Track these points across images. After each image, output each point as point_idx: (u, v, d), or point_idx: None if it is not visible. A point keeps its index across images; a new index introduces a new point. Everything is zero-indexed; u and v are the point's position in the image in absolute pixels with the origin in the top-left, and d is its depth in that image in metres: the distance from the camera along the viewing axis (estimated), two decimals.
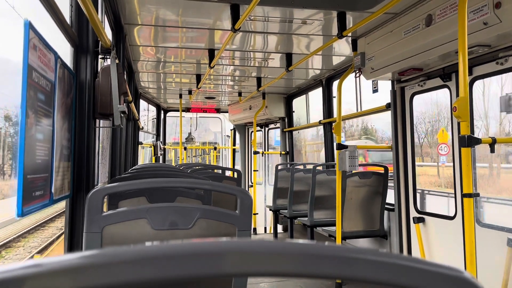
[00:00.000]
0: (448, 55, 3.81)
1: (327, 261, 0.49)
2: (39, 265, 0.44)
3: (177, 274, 0.46)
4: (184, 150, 10.39)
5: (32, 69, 1.58)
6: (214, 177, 4.92)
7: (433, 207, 9.54)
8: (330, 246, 0.50)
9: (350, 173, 5.33)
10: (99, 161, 3.97)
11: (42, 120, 1.76)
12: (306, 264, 0.48)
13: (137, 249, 0.47)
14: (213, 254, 0.47)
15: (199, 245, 0.48)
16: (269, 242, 0.49)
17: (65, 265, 0.45)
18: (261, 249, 0.48)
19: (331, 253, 0.49)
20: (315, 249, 0.49)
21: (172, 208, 1.75)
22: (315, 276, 0.49)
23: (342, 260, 0.49)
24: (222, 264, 0.47)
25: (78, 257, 0.46)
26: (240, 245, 0.49)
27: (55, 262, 0.45)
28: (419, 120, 20.00)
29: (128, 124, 6.36)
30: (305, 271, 0.48)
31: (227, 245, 0.48)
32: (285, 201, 7.35)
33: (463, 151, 3.03)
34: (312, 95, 8.60)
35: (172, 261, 0.46)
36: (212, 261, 0.47)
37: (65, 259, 0.45)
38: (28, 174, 1.58)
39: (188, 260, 0.46)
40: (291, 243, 0.49)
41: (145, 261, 0.46)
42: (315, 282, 5.46)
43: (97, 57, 2.76)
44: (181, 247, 0.48)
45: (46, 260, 0.45)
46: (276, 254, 0.48)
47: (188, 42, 5.46)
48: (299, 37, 5.17)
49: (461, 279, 0.50)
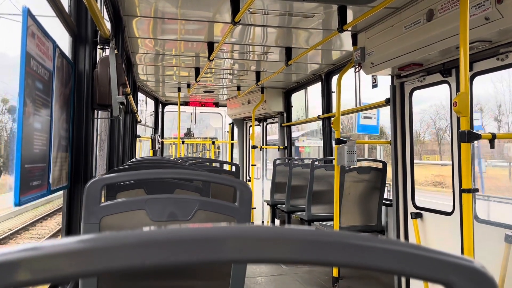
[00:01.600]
0: (449, 50, 3.79)
1: (331, 248, 0.47)
2: (37, 249, 0.43)
3: (176, 260, 0.45)
4: (182, 144, 10.36)
5: (30, 57, 1.55)
6: (212, 170, 4.90)
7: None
8: (335, 232, 0.49)
9: (348, 168, 5.33)
10: (97, 153, 3.95)
11: (40, 109, 1.74)
12: (308, 250, 0.47)
13: (136, 233, 0.45)
14: (213, 240, 0.46)
15: (198, 230, 0.46)
16: (271, 228, 0.48)
17: (63, 249, 0.44)
18: (262, 235, 0.47)
19: (336, 239, 0.48)
20: (318, 236, 0.47)
21: (171, 200, 1.74)
22: (317, 263, 0.47)
23: (347, 247, 0.48)
24: (223, 250, 0.46)
25: (76, 241, 0.44)
26: (242, 231, 0.47)
27: (54, 245, 0.44)
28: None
29: (126, 117, 6.33)
30: (307, 257, 0.47)
31: (228, 230, 0.47)
32: (283, 195, 7.35)
33: (462, 147, 3.03)
34: (311, 90, 8.59)
35: (171, 246, 0.45)
36: (212, 247, 0.45)
37: (63, 242, 0.44)
38: (26, 164, 1.57)
39: (188, 245, 0.45)
40: (293, 228, 0.48)
41: (144, 246, 0.45)
42: (312, 276, 5.47)
43: (96, 47, 2.73)
44: (180, 232, 0.46)
45: (44, 243, 0.44)
46: (278, 240, 0.47)
47: (187, 35, 5.43)
48: (299, 31, 5.15)
49: (472, 268, 0.49)
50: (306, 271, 5.69)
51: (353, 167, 5.27)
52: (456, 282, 0.48)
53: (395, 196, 4.97)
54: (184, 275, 1.81)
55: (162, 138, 10.66)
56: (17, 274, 0.42)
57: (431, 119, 23.42)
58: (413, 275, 0.49)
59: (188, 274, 1.81)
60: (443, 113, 21.09)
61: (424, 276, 0.49)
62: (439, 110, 22.49)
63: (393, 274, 0.49)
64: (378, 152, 21.31)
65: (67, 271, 0.43)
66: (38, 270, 0.43)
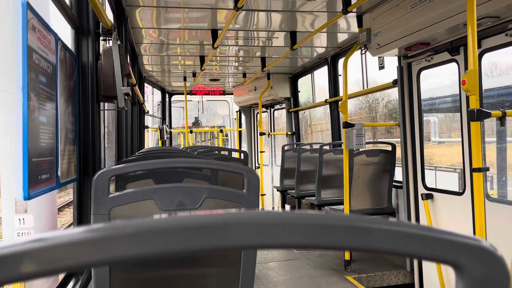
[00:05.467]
0: (456, 28, 3.72)
1: (338, 231, 0.46)
2: (42, 240, 0.43)
3: (184, 247, 0.44)
4: (190, 134, 10.38)
5: (32, 50, 1.55)
6: (221, 159, 4.91)
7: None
8: (342, 216, 0.48)
9: (357, 152, 5.30)
10: (105, 145, 3.97)
11: (44, 103, 1.74)
12: (317, 234, 0.46)
13: (145, 222, 0.45)
14: (222, 225, 0.45)
15: (207, 217, 0.46)
16: (279, 213, 0.47)
17: (70, 240, 0.43)
18: (271, 220, 0.46)
19: (344, 222, 0.47)
20: (327, 219, 0.47)
21: (179, 189, 1.74)
22: (326, 247, 0.47)
23: (357, 230, 0.47)
24: (232, 236, 0.45)
25: (83, 231, 0.44)
26: (251, 216, 0.46)
27: (60, 236, 0.43)
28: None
29: (133, 108, 6.34)
30: (316, 242, 0.46)
31: (237, 216, 0.46)
32: (292, 181, 7.35)
33: (472, 125, 2.99)
34: (318, 74, 8.51)
35: (180, 234, 0.44)
36: (221, 233, 0.45)
37: (70, 233, 0.44)
38: (33, 157, 1.57)
39: (197, 232, 0.45)
40: (301, 213, 0.47)
41: (152, 234, 0.44)
42: (324, 260, 5.49)
43: (98, 39, 2.72)
44: (188, 219, 0.46)
45: (49, 234, 0.44)
46: (287, 224, 0.46)
47: (191, 23, 5.39)
48: (303, 14, 5.08)
49: (480, 248, 0.48)
50: (318, 255, 5.71)
51: (362, 150, 5.24)
52: (464, 262, 0.47)
53: (405, 177, 4.94)
54: (195, 264, 1.82)
55: (170, 128, 10.69)
56: (23, 266, 0.42)
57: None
58: (420, 256, 0.48)
59: (199, 262, 1.82)
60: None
61: (431, 257, 0.48)
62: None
63: (400, 256, 0.48)
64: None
65: (74, 261, 0.43)
66: (43, 261, 0.42)
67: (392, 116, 18.41)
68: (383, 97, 19.99)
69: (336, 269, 5.11)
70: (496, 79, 6.66)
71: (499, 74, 8.76)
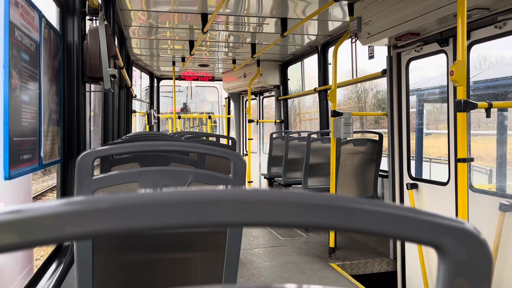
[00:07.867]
0: (446, 18, 3.72)
1: (322, 210, 0.46)
2: (19, 211, 0.41)
3: (167, 223, 0.43)
4: (178, 119, 10.31)
5: (14, 26, 1.50)
6: (208, 144, 4.88)
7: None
8: (326, 195, 0.47)
9: (344, 140, 5.32)
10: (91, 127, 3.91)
11: (27, 81, 1.69)
12: (302, 213, 0.45)
13: (128, 196, 0.43)
14: (208, 201, 0.44)
15: (192, 193, 0.45)
16: (265, 191, 0.46)
17: (48, 212, 0.41)
18: (256, 197, 0.45)
19: (327, 202, 0.46)
20: (312, 198, 0.46)
21: (165, 172, 1.73)
22: (310, 226, 0.46)
23: (341, 210, 0.46)
24: (218, 212, 0.44)
25: (63, 203, 0.42)
26: (236, 193, 0.45)
27: (37, 208, 0.41)
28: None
29: (121, 92, 6.26)
30: (301, 220, 0.45)
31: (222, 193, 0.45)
32: (280, 169, 7.36)
33: (458, 116, 3.01)
34: (308, 63, 8.49)
35: (164, 208, 0.43)
36: (207, 209, 0.44)
37: (49, 205, 0.42)
38: (14, 137, 1.54)
39: (181, 208, 0.43)
40: (289, 192, 0.46)
41: (136, 208, 0.43)
42: (309, 247, 5.54)
43: (84, 18, 2.66)
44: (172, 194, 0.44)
45: (27, 206, 0.42)
46: (273, 202, 0.45)
47: (181, 6, 5.31)
48: (294, 1, 5.04)
49: (463, 230, 0.47)
50: (303, 242, 5.76)
51: (349, 139, 5.26)
52: (446, 244, 0.47)
53: (391, 167, 4.98)
54: (179, 247, 1.82)
55: (158, 113, 10.59)
56: (4, 237, 0.40)
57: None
58: (404, 237, 0.47)
59: (183, 246, 1.81)
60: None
61: (415, 239, 0.47)
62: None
63: (382, 236, 0.48)
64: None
65: (57, 233, 0.42)
66: (26, 232, 0.41)
67: (381, 106, 18.48)
68: (372, 87, 20.06)
69: (320, 256, 5.16)
70: (485, 72, 6.71)
71: (488, 67, 8.84)
